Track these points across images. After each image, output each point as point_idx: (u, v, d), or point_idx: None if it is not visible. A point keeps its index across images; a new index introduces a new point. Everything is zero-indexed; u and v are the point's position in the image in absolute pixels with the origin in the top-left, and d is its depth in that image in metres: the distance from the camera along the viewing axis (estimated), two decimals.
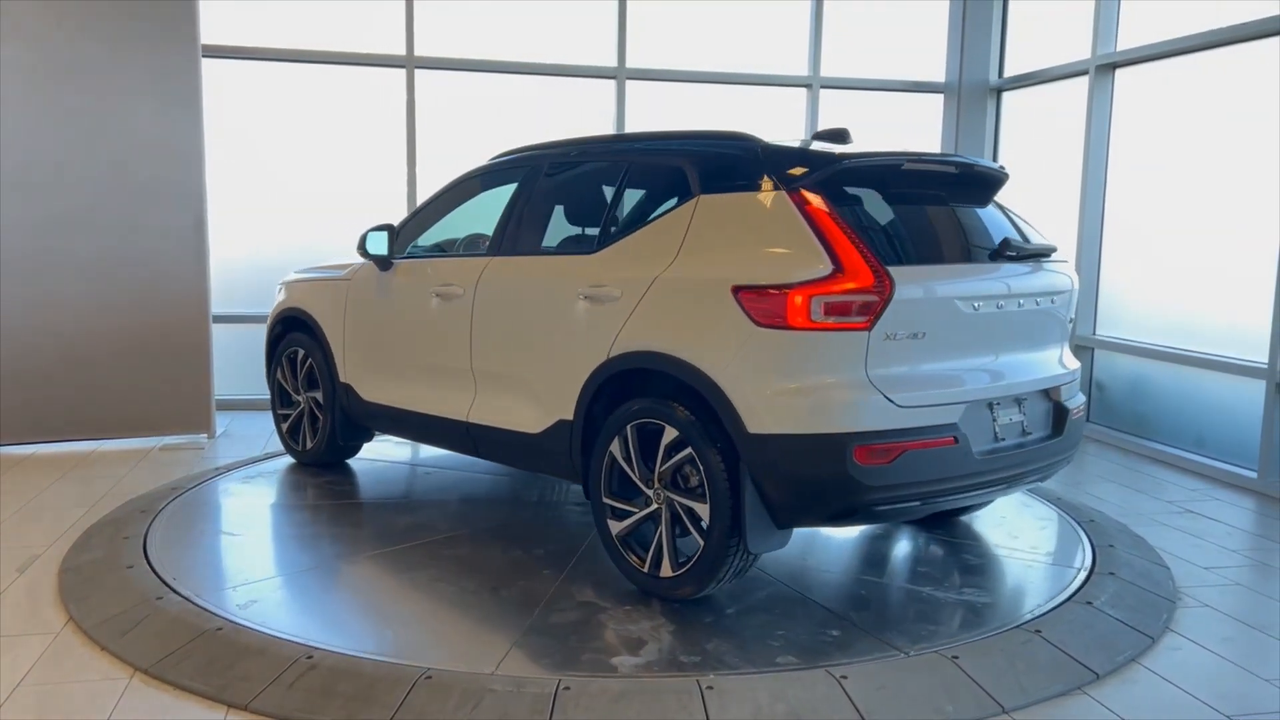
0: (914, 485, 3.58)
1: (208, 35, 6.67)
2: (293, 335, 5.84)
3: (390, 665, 3.28)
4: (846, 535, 4.69)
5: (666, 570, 3.79)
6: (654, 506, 3.83)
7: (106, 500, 5.13)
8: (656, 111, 7.99)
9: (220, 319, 6.96)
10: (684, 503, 3.74)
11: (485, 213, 4.99)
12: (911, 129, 8.55)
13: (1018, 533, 4.85)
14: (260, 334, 7.71)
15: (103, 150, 6.14)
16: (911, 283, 3.56)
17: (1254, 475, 5.80)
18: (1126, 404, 7.07)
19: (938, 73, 8.50)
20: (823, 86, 8.25)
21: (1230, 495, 5.67)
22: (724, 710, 3.05)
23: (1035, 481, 4.26)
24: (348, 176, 7.70)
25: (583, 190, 4.66)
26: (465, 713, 3.02)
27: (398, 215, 7.61)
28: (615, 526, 3.96)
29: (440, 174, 7.67)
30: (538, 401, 4.34)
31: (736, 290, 3.55)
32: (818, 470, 3.48)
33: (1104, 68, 7.09)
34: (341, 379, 5.49)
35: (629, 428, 3.88)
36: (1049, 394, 4.07)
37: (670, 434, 3.73)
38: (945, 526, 4.81)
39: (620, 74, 7.89)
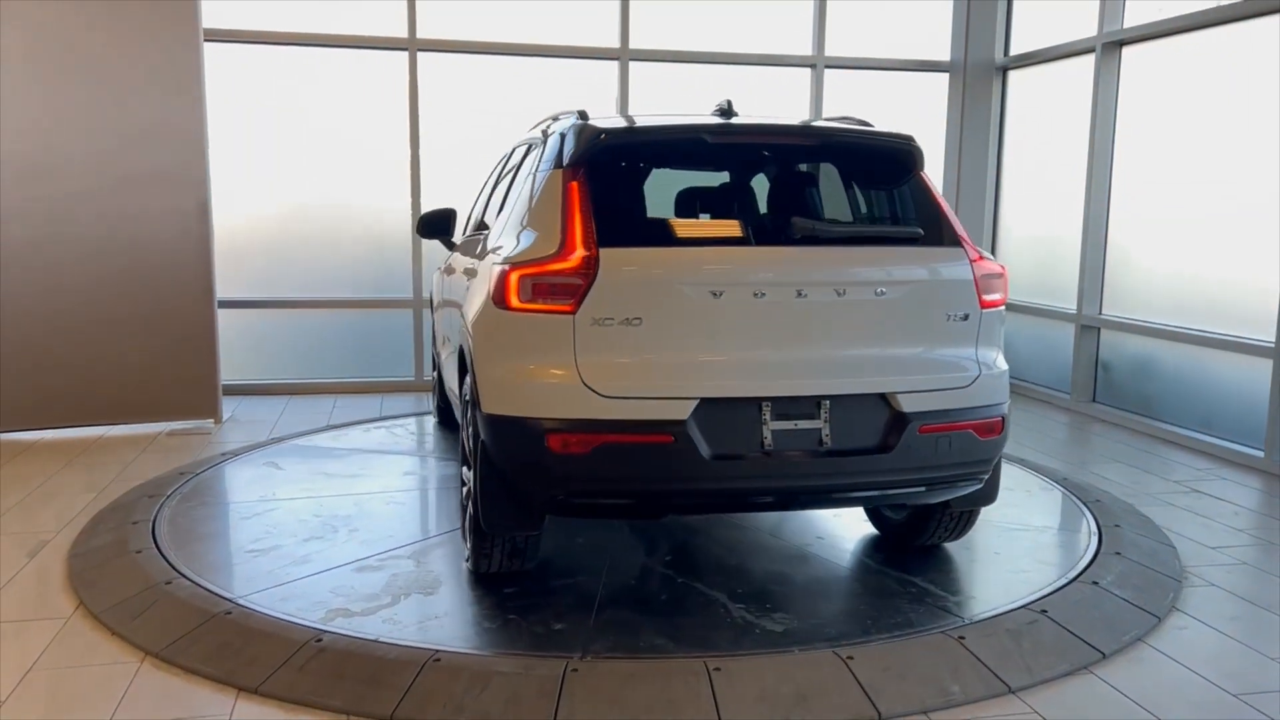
0: (619, 482, 3.37)
1: (209, 19, 6.65)
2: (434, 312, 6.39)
3: (399, 648, 3.29)
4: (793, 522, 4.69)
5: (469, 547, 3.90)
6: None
7: (114, 485, 5.15)
8: (660, 93, 7.96)
9: (226, 304, 6.97)
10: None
11: None
12: (918, 109, 8.52)
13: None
14: (265, 318, 7.78)
15: (105, 136, 6.12)
16: (623, 265, 3.35)
17: (1261, 454, 5.79)
18: (1133, 383, 7.06)
19: (943, 51, 8.44)
20: (827, 66, 8.21)
21: (1237, 474, 5.66)
22: (731, 691, 3.06)
23: (858, 504, 3.93)
24: (353, 160, 7.70)
25: (512, 170, 4.74)
26: (474, 695, 3.03)
27: (402, 199, 7.67)
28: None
29: (444, 158, 7.70)
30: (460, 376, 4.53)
31: (493, 270, 3.58)
32: (521, 455, 3.42)
33: (1111, 45, 7.05)
34: (435, 348, 6.02)
35: (466, 405, 3.91)
36: (888, 401, 3.50)
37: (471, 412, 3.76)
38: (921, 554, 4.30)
39: (624, 55, 7.86)
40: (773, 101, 8.28)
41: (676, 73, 8.07)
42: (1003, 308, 3.76)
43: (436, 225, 5.50)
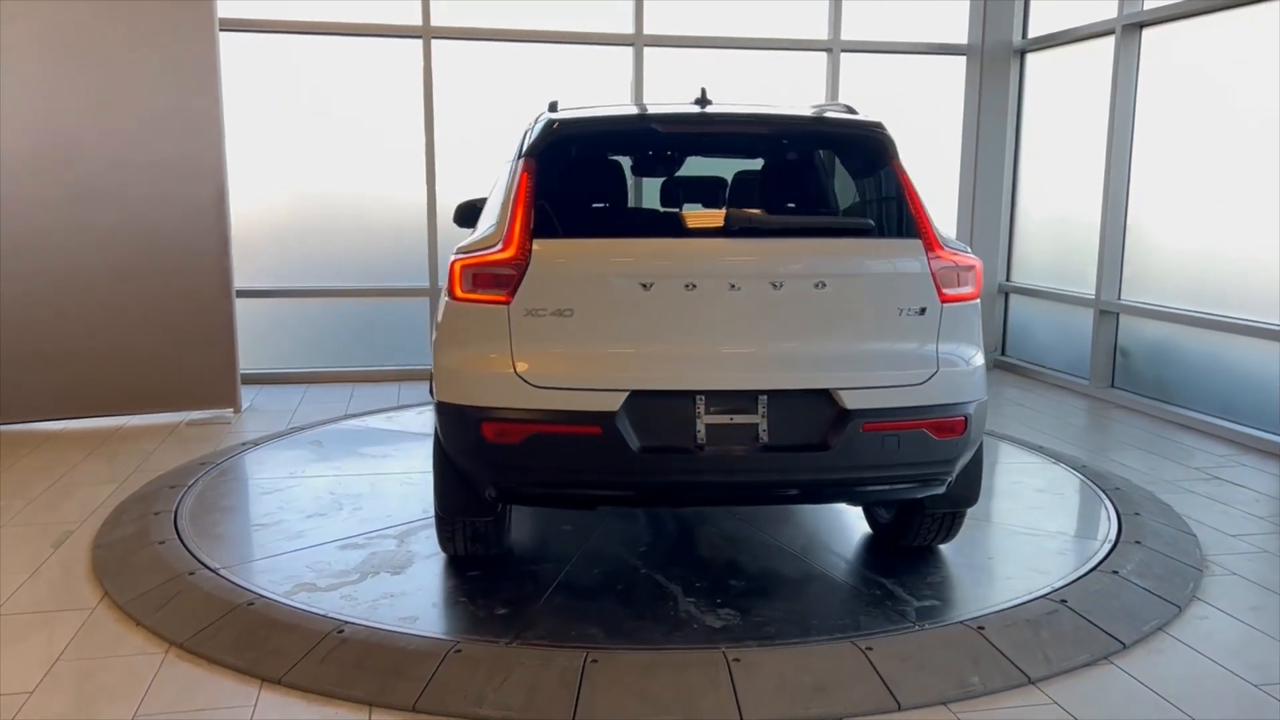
0: (548, 471, 3.41)
1: (224, 9, 6.65)
2: None
3: (420, 639, 3.32)
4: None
5: None
6: None
7: (136, 476, 5.19)
8: (678, 79, 7.92)
9: (243, 293, 6.99)
10: None
11: None
12: (936, 92, 8.46)
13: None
14: (282, 307, 7.80)
15: (122, 126, 6.14)
16: (554, 257, 3.39)
17: None
18: (1152, 369, 7.02)
19: (961, 34, 8.36)
20: (843, 50, 8.14)
21: (1258, 461, 5.63)
22: (750, 682, 3.07)
23: (800, 501, 3.87)
24: (368, 149, 7.70)
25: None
26: (494, 685, 3.05)
27: (418, 188, 7.67)
28: None
29: (459, 146, 7.69)
30: None
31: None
32: (461, 442, 3.48)
33: (1131, 26, 6.97)
34: None
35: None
36: (832, 397, 3.39)
37: None
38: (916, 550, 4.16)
39: (638, 41, 7.82)
40: (790, 87, 8.22)
41: (693, 58, 8.03)
42: (974, 302, 3.59)
43: (475, 214, 5.46)
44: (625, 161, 4.25)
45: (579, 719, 2.93)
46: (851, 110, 4.06)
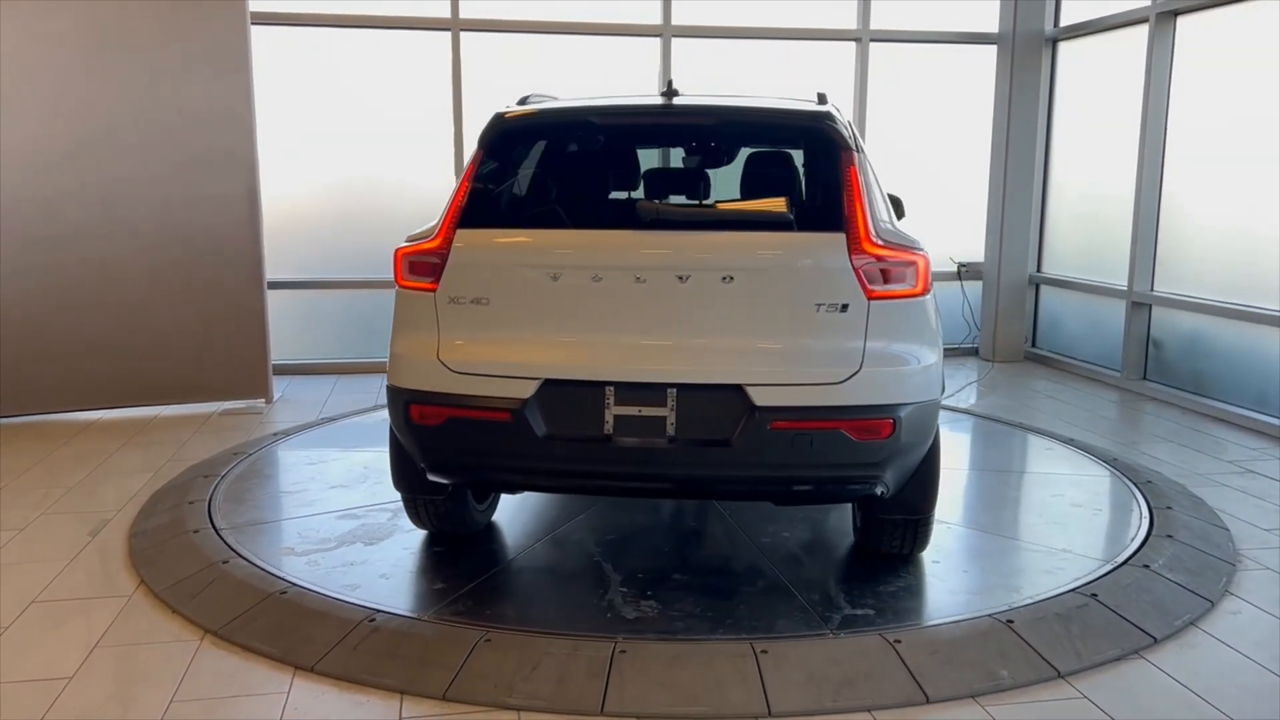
0: (465, 455, 3.56)
1: (256, 2, 6.70)
2: None
3: (450, 628, 3.36)
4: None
5: None
6: None
7: (170, 465, 5.27)
8: (703, 70, 7.91)
9: (275, 285, 7.05)
10: None
11: None
12: (966, 82, 8.39)
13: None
14: (312, 298, 7.86)
15: (155, 119, 6.20)
16: (472, 246, 3.51)
17: None
18: (1185, 361, 6.94)
19: (992, 23, 8.28)
20: (872, 40, 8.10)
21: None
22: (778, 674, 3.08)
23: (707, 496, 3.94)
24: (399, 140, 7.74)
25: None
26: (524, 674, 3.08)
27: (447, 178, 7.70)
28: None
29: None
30: None
31: None
32: (397, 423, 3.65)
33: (1165, 14, 6.88)
34: None
35: None
36: (744, 393, 3.31)
37: None
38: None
39: (666, 31, 7.81)
40: (819, 77, 8.18)
41: (722, 49, 8.01)
42: (916, 299, 3.40)
43: None
44: (571, 153, 4.22)
45: (608, 709, 2.95)
46: (823, 99, 3.98)
